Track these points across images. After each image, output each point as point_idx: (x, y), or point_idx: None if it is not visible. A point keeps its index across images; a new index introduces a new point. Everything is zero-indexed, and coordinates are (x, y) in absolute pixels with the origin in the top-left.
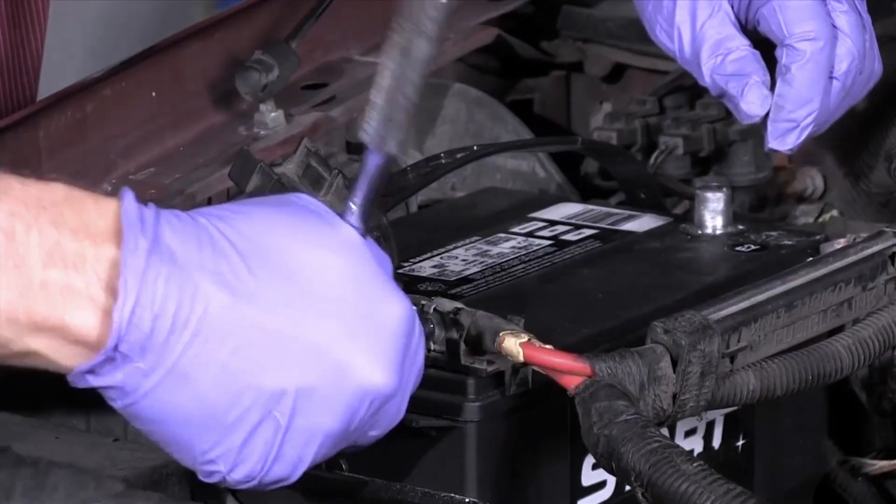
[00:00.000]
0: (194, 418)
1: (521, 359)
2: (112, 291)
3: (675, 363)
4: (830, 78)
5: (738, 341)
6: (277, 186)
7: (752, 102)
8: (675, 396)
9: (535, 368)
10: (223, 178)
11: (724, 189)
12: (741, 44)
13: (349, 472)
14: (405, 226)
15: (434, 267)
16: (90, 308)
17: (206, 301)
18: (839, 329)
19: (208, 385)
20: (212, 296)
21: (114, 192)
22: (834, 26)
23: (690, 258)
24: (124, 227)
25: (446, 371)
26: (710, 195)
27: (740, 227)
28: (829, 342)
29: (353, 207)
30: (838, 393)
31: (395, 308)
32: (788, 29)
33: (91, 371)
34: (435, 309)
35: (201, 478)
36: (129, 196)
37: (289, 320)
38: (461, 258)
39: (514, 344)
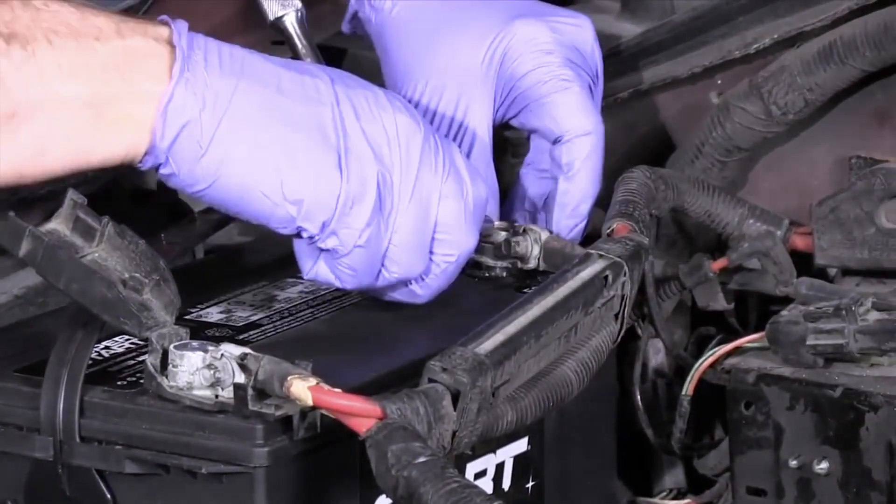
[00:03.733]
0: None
1: (311, 403)
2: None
3: (455, 400)
4: None
5: (502, 375)
6: (50, 249)
7: None
8: (454, 434)
9: (325, 412)
10: None
11: None
12: None
13: None
14: (192, 272)
15: (221, 313)
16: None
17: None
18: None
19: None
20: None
21: None
22: None
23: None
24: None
25: (235, 416)
26: None
27: None
28: (558, 368)
29: None
30: (627, 433)
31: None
32: (565, 125)
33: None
34: (222, 355)
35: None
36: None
37: None
38: (248, 304)
39: (303, 388)
